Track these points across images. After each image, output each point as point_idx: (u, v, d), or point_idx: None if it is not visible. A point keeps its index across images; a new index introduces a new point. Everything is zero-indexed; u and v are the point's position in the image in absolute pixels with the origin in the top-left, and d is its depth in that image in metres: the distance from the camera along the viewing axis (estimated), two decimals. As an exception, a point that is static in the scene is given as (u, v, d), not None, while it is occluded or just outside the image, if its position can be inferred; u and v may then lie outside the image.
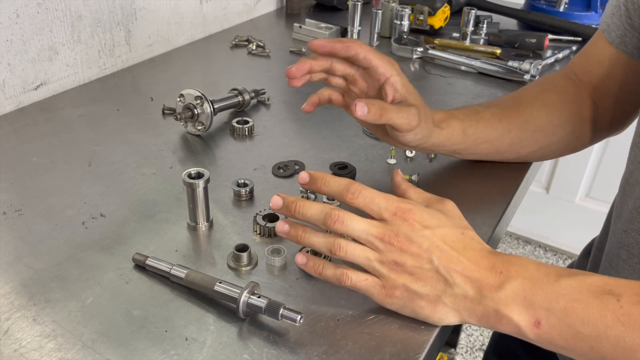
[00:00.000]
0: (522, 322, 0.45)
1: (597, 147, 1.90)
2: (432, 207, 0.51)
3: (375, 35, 1.14)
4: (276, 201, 0.51)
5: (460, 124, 0.65)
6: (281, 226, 0.51)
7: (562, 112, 0.70)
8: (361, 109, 0.55)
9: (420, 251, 0.47)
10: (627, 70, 0.67)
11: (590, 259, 0.75)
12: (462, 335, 1.84)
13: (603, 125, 0.72)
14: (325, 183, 0.50)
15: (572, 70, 0.73)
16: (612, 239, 0.64)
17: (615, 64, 0.67)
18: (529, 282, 0.46)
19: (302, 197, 0.65)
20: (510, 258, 0.48)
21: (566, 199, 2.05)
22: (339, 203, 0.65)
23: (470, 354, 1.79)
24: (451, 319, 0.49)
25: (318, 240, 0.49)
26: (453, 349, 1.79)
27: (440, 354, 1.61)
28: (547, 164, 2.04)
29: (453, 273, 0.47)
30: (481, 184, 0.71)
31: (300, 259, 0.51)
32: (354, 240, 0.49)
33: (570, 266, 0.83)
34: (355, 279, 0.49)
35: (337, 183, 0.50)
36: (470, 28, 1.13)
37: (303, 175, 0.51)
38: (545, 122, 0.69)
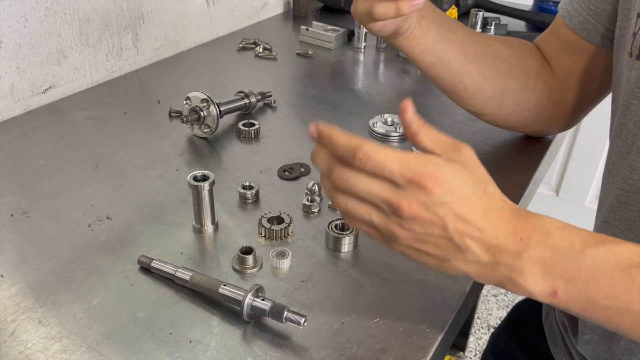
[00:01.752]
0: (537, 291, 0.43)
1: (607, 149, 1.88)
2: (449, 158, 0.45)
3: (381, 40, 1.13)
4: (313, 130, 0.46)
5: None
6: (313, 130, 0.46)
7: (520, 57, 0.72)
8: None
9: (435, 218, 0.43)
10: (588, 55, 0.68)
11: None
12: (471, 339, 1.83)
13: (559, 99, 0.73)
14: (332, 142, 0.44)
15: (535, 44, 0.75)
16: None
17: (577, 49, 0.68)
18: (550, 251, 0.42)
19: (308, 199, 0.65)
20: (534, 221, 0.44)
21: (576, 202, 2.03)
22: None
23: (479, 358, 1.78)
24: (460, 275, 0.45)
25: (326, 186, 0.46)
26: (462, 353, 1.78)
27: (448, 356, 1.60)
28: (556, 167, 2.02)
29: (468, 240, 0.43)
30: (488, 187, 0.70)
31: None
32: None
33: None
34: (359, 224, 0.45)
35: (346, 143, 0.43)
36: (478, 30, 1.13)
37: (312, 129, 0.46)
38: (504, 54, 0.71)
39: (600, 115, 0.86)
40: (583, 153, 1.94)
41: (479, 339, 1.84)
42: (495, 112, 0.74)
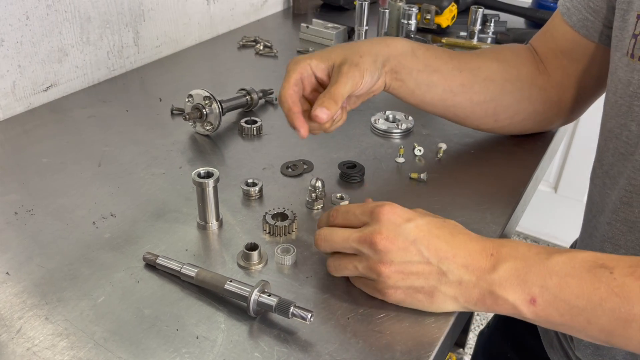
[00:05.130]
0: (517, 301, 0.46)
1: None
2: None
3: (383, 35, 1.14)
4: None
5: (409, 43, 0.66)
6: None
7: (512, 69, 0.71)
8: (323, 113, 0.56)
9: (407, 244, 0.48)
10: (586, 52, 0.68)
11: None
12: (471, 336, 1.84)
13: (556, 100, 0.73)
14: (319, 219, 0.56)
15: (531, 45, 0.75)
16: (592, 235, 0.64)
17: (575, 46, 0.69)
18: (520, 261, 0.46)
19: (312, 195, 0.65)
20: (499, 241, 0.49)
21: (574, 198, 2.04)
22: (347, 202, 0.66)
23: (478, 354, 1.79)
24: (450, 307, 0.49)
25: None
26: (462, 349, 1.78)
27: (449, 354, 1.60)
28: (555, 163, 2.03)
29: (445, 261, 0.47)
30: (490, 182, 0.71)
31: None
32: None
33: None
34: (352, 279, 0.52)
35: (324, 215, 0.55)
36: (478, 27, 1.13)
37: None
38: (495, 73, 0.70)
39: (598, 112, 0.86)
40: (581, 150, 1.95)
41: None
42: (492, 127, 0.75)
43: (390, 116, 0.83)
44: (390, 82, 0.65)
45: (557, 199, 2.08)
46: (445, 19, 1.17)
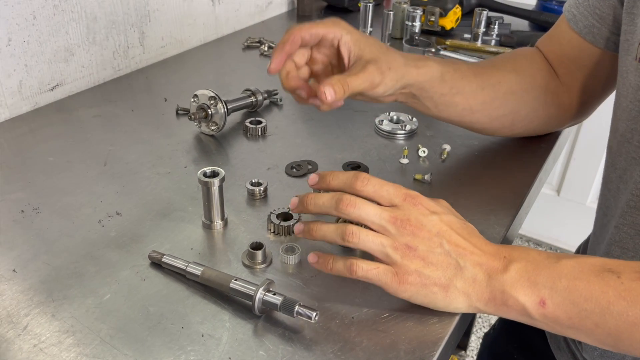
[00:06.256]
0: (527, 302, 0.46)
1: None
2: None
3: (387, 37, 1.14)
4: (294, 201, 0.53)
5: (439, 67, 0.64)
6: (297, 226, 0.53)
7: (530, 78, 0.71)
8: (330, 93, 0.55)
9: (431, 235, 0.49)
10: (592, 58, 0.68)
11: None
12: (473, 338, 1.84)
13: (567, 104, 0.74)
14: (334, 177, 0.52)
15: (538, 48, 0.76)
16: (599, 238, 0.64)
17: (581, 52, 0.69)
18: (531, 264, 0.47)
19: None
20: (511, 246, 0.50)
21: (577, 201, 2.04)
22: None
23: (480, 357, 1.78)
24: (461, 304, 0.49)
25: (329, 230, 0.50)
26: (463, 352, 1.78)
27: (451, 356, 1.60)
28: (557, 166, 2.03)
29: (462, 257, 0.48)
30: (494, 184, 0.71)
31: (312, 257, 0.52)
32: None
33: None
34: (366, 267, 0.49)
35: (346, 175, 0.51)
36: (482, 29, 1.13)
37: (312, 177, 0.53)
38: (514, 85, 0.70)
39: (601, 115, 0.86)
40: (584, 153, 1.95)
41: (480, 338, 1.85)
42: (506, 134, 0.77)
43: (395, 117, 0.83)
44: (404, 100, 0.66)
45: (560, 202, 2.08)
46: (450, 21, 1.18)
